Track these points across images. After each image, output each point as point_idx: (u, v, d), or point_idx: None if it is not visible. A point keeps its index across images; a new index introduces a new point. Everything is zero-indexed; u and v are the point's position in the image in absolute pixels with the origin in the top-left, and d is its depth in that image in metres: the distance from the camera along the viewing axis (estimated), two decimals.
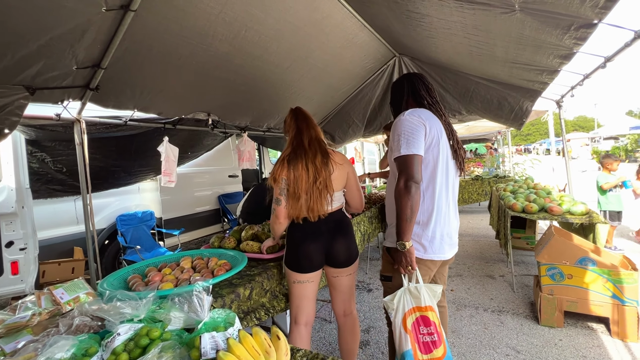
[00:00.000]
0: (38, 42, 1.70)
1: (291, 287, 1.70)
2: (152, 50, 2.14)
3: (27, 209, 2.70)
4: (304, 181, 1.60)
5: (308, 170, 1.60)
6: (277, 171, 1.63)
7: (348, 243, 1.73)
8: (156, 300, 1.07)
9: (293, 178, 1.60)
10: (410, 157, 1.39)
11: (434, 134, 1.46)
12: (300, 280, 1.66)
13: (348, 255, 1.72)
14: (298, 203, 1.61)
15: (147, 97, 2.50)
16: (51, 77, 1.96)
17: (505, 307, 2.70)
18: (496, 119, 3.99)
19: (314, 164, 1.61)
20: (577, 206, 2.65)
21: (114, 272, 1.71)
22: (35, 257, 2.77)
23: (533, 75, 2.57)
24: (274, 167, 1.67)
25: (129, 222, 3.76)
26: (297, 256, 1.66)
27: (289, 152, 1.67)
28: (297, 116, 1.77)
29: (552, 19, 1.54)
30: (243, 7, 2.15)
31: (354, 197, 1.82)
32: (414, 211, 1.38)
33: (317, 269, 1.69)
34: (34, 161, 2.84)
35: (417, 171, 1.38)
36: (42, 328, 1.19)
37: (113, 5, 1.72)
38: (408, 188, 1.36)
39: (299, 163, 1.61)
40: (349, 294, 1.80)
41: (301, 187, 1.59)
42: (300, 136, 1.69)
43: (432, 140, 1.45)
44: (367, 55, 3.58)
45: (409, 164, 1.38)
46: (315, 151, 1.65)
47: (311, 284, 1.68)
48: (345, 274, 1.75)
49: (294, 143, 1.69)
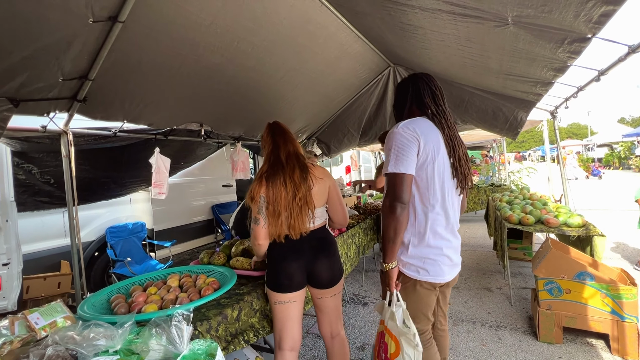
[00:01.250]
0: (21, 53, 1.65)
1: (273, 308, 1.60)
2: (142, 61, 2.11)
3: (12, 223, 2.61)
4: (283, 198, 1.53)
5: (287, 186, 1.53)
6: (255, 189, 1.55)
7: (331, 263, 1.64)
8: (134, 328, 1.00)
9: (272, 195, 1.53)
10: (398, 175, 1.30)
11: (429, 150, 1.34)
12: (281, 301, 1.56)
13: (331, 276, 1.64)
14: (278, 221, 1.53)
15: (137, 108, 2.46)
16: (36, 88, 1.91)
17: (503, 321, 2.64)
18: (491, 129, 3.99)
19: (292, 179, 1.55)
20: (573, 218, 2.62)
21: (97, 292, 1.64)
22: (19, 272, 2.67)
23: (527, 87, 2.57)
24: (251, 185, 1.59)
25: (119, 234, 3.67)
26: (277, 275, 1.57)
27: (266, 169, 1.60)
28: (273, 131, 1.70)
29: (545, 33, 1.53)
30: (235, 18, 2.13)
31: (336, 212, 1.74)
32: (398, 233, 1.30)
33: (299, 289, 1.59)
34: (20, 173, 2.77)
35: (404, 191, 1.29)
36: (13, 358, 1.11)
37: (100, 16, 1.68)
38: (393, 209, 1.28)
39: (277, 179, 1.54)
40: (336, 315, 1.72)
41: (280, 204, 1.52)
42: (277, 151, 1.62)
43: (426, 157, 1.34)
44: (362, 66, 3.58)
45: (396, 184, 1.30)
46: (293, 166, 1.58)
47: (294, 304, 1.58)
48: (329, 295, 1.67)
49: (271, 159, 1.62)
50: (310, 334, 2.68)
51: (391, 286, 1.37)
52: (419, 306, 1.44)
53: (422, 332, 1.45)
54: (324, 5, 2.35)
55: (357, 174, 9.47)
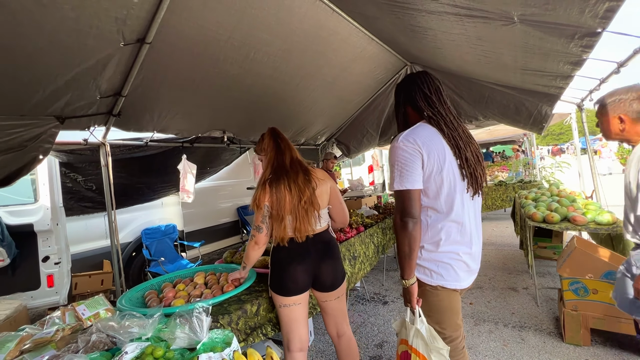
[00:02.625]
0: (65, 77, 1.88)
1: (279, 312, 1.62)
2: (167, 77, 2.29)
3: (61, 226, 2.93)
4: (288, 202, 1.56)
5: (291, 191, 1.56)
6: (259, 196, 1.57)
7: (335, 265, 1.70)
8: (162, 319, 1.14)
9: (276, 200, 1.56)
10: (404, 192, 1.27)
11: (434, 160, 1.28)
12: (287, 304, 1.58)
13: (334, 279, 1.69)
14: (281, 225, 1.56)
15: (165, 119, 2.67)
16: (78, 106, 2.15)
17: (528, 322, 2.57)
18: (514, 124, 3.86)
19: (297, 183, 1.58)
20: (603, 215, 2.50)
21: (133, 288, 1.82)
22: (68, 270, 2.98)
23: (547, 81, 2.49)
24: (255, 191, 1.60)
25: (153, 235, 3.96)
26: (283, 278, 1.58)
27: (270, 174, 1.61)
28: (276, 136, 1.74)
29: (554, 29, 1.51)
30: (250, 31, 2.25)
31: (338, 212, 1.79)
32: (413, 248, 1.28)
33: (304, 291, 1.62)
34: (67, 181, 3.09)
35: (414, 206, 1.27)
36: (64, 343, 1.29)
37: (130, 39, 1.87)
38: (404, 224, 1.27)
39: (281, 184, 1.57)
40: (341, 316, 1.77)
41: (284, 208, 1.55)
42: (281, 156, 1.65)
43: (432, 169, 1.28)
44: (377, 67, 3.60)
45: (404, 200, 1.28)
46: (296, 171, 1.63)
47: (299, 306, 1.61)
48: (333, 298, 1.72)
49: (274, 164, 1.64)
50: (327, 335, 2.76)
51: (412, 302, 1.32)
52: (440, 311, 1.36)
53: (452, 339, 1.36)
54: (335, 11, 2.42)
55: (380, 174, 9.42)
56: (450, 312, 1.37)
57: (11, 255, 2.62)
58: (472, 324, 2.65)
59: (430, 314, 1.35)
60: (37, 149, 2.18)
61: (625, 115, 1.45)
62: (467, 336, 2.49)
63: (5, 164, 2.16)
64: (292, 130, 4.21)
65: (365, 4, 2.20)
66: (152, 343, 1.05)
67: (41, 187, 2.82)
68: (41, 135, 2.13)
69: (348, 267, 2.51)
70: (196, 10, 1.93)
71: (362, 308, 3.12)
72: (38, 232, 2.80)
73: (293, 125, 4.08)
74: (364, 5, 2.24)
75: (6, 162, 2.15)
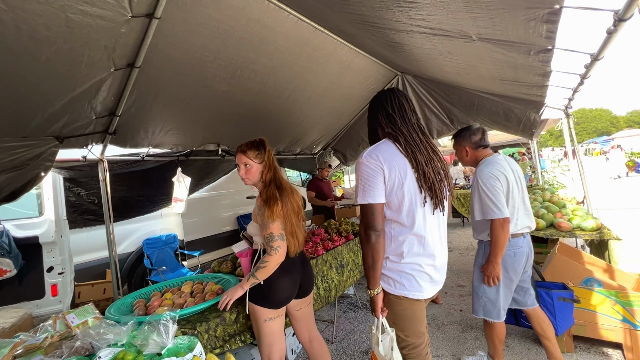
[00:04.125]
0: (62, 101, 2.03)
1: (261, 327, 1.61)
2: (158, 96, 2.44)
3: (65, 238, 3.09)
4: (294, 216, 1.65)
5: (294, 207, 1.66)
6: (276, 208, 1.57)
7: (311, 272, 1.83)
8: (136, 327, 1.24)
9: (286, 214, 1.61)
10: (367, 206, 1.34)
11: (395, 175, 1.33)
12: (271, 318, 1.61)
13: (311, 284, 1.81)
14: (294, 239, 1.63)
15: (159, 135, 2.81)
16: (76, 127, 2.31)
17: (515, 329, 2.58)
18: (506, 130, 3.90)
19: (295, 199, 1.69)
20: (587, 221, 2.51)
21: (123, 297, 1.94)
22: (72, 280, 3.14)
23: (526, 89, 2.54)
24: (269, 202, 1.58)
25: (154, 245, 4.11)
26: (275, 291, 1.60)
27: (275, 189, 1.63)
28: (272, 152, 1.78)
29: (510, 46, 1.58)
30: (235, 51, 2.38)
31: None
32: (376, 259, 1.33)
33: (289, 302, 1.69)
34: (71, 195, 3.26)
35: (376, 220, 1.33)
36: (53, 349, 1.40)
37: (120, 65, 2.02)
38: (368, 237, 1.33)
39: (287, 200, 1.63)
40: (312, 321, 1.86)
41: (294, 222, 1.64)
42: (279, 174, 1.73)
43: (393, 184, 1.34)
44: (368, 78, 3.70)
45: (366, 214, 1.34)
46: (290, 187, 1.72)
47: (281, 318, 1.67)
48: (306, 304, 1.81)
49: (276, 181, 1.68)
50: None
51: (377, 312, 1.37)
52: (404, 320, 1.41)
53: (415, 346, 1.42)
54: (318, 29, 2.53)
55: None
56: (413, 321, 1.43)
57: (18, 266, 2.78)
58: (460, 331, 2.67)
59: (395, 322, 1.41)
60: (39, 166, 2.35)
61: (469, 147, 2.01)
62: (453, 344, 2.52)
63: (10, 182, 2.32)
64: (287, 141, 4.33)
65: (343, 23, 2.31)
66: (125, 349, 1.15)
67: (46, 201, 3.00)
68: (42, 154, 2.29)
69: (335, 275, 2.58)
70: (181, 36, 2.06)
71: (354, 315, 3.16)
72: (43, 243, 2.96)
73: (287, 135, 4.20)
74: (342, 24, 2.35)
75: (10, 180, 2.32)
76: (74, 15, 1.60)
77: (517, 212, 1.91)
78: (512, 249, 1.90)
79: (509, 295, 1.96)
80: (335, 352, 2.57)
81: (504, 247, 1.83)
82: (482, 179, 1.85)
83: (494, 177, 1.83)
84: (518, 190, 1.93)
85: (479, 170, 1.92)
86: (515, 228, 1.90)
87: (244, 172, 1.72)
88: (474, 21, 1.37)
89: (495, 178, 1.83)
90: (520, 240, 1.93)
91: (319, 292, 2.37)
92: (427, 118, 4.28)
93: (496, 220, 1.80)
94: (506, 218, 1.79)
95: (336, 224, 3.27)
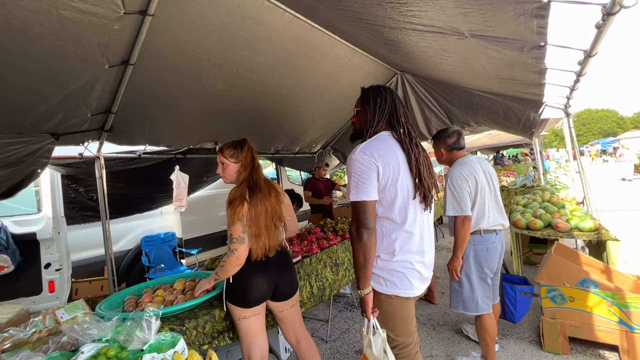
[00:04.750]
0: (56, 98, 2.04)
1: (238, 325, 1.62)
2: (154, 94, 2.44)
3: (62, 235, 3.11)
4: (263, 219, 1.60)
5: (266, 208, 1.62)
6: (239, 208, 1.55)
7: (292, 275, 1.79)
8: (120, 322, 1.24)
9: (254, 215, 1.58)
10: (360, 204, 1.32)
11: (389, 173, 1.33)
12: (246, 316, 1.60)
13: (291, 288, 1.77)
14: (259, 242, 1.59)
15: (155, 132, 2.82)
16: (71, 124, 2.32)
17: (510, 330, 2.55)
18: (505, 130, 3.87)
19: (270, 200, 1.65)
20: (585, 222, 2.48)
21: (115, 294, 1.94)
22: (69, 276, 3.15)
23: (523, 88, 2.51)
24: (233, 203, 1.57)
25: (152, 242, 4.12)
26: (246, 289, 1.59)
27: (246, 189, 1.61)
28: (253, 151, 1.76)
29: (503, 42, 1.56)
30: (231, 49, 2.37)
31: (292, 223, 1.86)
32: (367, 258, 1.31)
33: (263, 302, 1.66)
34: (69, 192, 3.28)
35: (369, 217, 1.31)
36: (41, 344, 1.41)
37: (114, 62, 2.02)
38: (360, 235, 1.31)
39: (257, 201, 1.60)
40: (298, 322, 1.83)
41: (262, 224, 1.60)
42: (256, 173, 1.70)
43: (387, 180, 1.33)
44: (367, 76, 3.67)
45: (359, 211, 1.32)
46: (268, 188, 1.69)
47: (259, 316, 1.64)
48: (289, 306, 1.78)
49: (250, 180, 1.65)
50: (313, 337, 2.81)
51: (367, 312, 1.35)
52: (395, 319, 1.41)
53: (405, 345, 1.42)
54: (314, 27, 2.52)
55: None
56: (404, 320, 1.42)
57: (15, 262, 2.81)
58: (455, 332, 2.64)
59: (385, 321, 1.40)
60: (35, 163, 2.36)
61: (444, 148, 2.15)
62: (447, 344, 2.50)
63: (6, 178, 2.34)
64: (285, 140, 4.32)
65: (338, 21, 2.30)
66: (109, 344, 1.15)
67: (44, 198, 3.02)
68: (38, 150, 2.31)
69: (329, 274, 2.57)
70: (175, 33, 2.06)
71: (349, 315, 3.15)
72: (40, 240, 2.98)
73: (285, 134, 4.20)
74: (337, 22, 2.34)
75: (7, 176, 2.33)
76: (65, 11, 1.60)
77: (488, 209, 2.03)
78: (484, 244, 2.02)
79: (486, 288, 2.06)
80: (329, 352, 2.56)
81: (464, 243, 1.96)
82: (451, 178, 1.99)
83: (462, 177, 1.96)
84: (490, 190, 2.06)
85: (450, 170, 2.06)
86: (488, 224, 2.01)
87: (221, 170, 1.74)
88: (465, 17, 1.35)
89: (463, 178, 1.96)
90: (492, 236, 2.04)
91: (312, 291, 2.36)
92: (426, 117, 4.25)
93: (458, 217, 1.94)
94: (467, 216, 1.92)
95: (332, 223, 3.26)
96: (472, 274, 2.04)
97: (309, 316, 3.16)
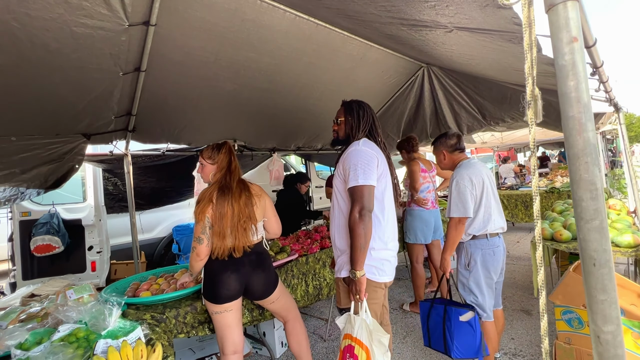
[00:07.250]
0: (82, 104, 2.31)
1: (213, 318, 1.71)
2: (167, 96, 2.63)
3: (103, 222, 3.54)
4: (229, 219, 1.64)
5: (233, 209, 1.66)
6: (203, 208, 1.64)
7: (266, 276, 1.80)
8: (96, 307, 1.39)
9: (218, 216, 1.64)
10: (366, 187, 1.45)
11: (382, 166, 1.57)
12: (219, 311, 1.67)
13: (265, 290, 1.80)
14: (223, 241, 1.63)
15: (174, 132, 3.04)
16: (98, 125, 2.61)
17: (524, 351, 2.30)
18: (545, 126, 3.49)
19: (239, 203, 1.69)
20: (624, 236, 2.12)
21: (123, 279, 2.17)
22: (108, 258, 3.59)
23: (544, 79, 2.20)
24: (199, 203, 1.67)
25: (183, 231, 4.48)
26: (216, 287, 1.65)
27: (216, 190, 1.68)
28: (231, 155, 1.82)
29: (490, 34, 1.39)
30: (235, 51, 2.45)
31: (272, 224, 1.89)
32: (367, 240, 1.43)
33: (235, 299, 1.70)
34: (109, 185, 3.71)
35: (371, 201, 1.46)
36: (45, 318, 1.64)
37: (127, 69, 2.22)
38: (362, 217, 1.41)
39: (225, 201, 1.66)
40: (285, 310, 1.92)
41: (226, 224, 1.64)
42: (230, 176, 1.75)
43: (380, 173, 1.56)
44: (386, 71, 3.54)
45: (365, 194, 1.44)
46: (240, 190, 1.73)
47: (231, 312, 1.69)
48: (268, 304, 1.84)
49: (222, 182, 1.72)
50: (312, 334, 2.83)
51: (361, 294, 1.44)
52: (378, 304, 1.58)
53: None
54: (320, 25, 2.49)
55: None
56: (379, 306, 1.60)
57: (65, 243, 3.27)
58: None
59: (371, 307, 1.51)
60: (73, 160, 2.71)
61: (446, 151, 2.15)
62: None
63: (52, 172, 2.72)
64: (305, 137, 4.36)
65: (342, 19, 2.24)
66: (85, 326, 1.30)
67: (88, 189, 3.46)
68: (74, 149, 2.65)
69: (328, 274, 2.57)
70: (179, 39, 2.19)
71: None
72: (85, 225, 3.43)
73: (305, 131, 4.23)
74: (341, 21, 2.28)
75: (52, 171, 2.71)
76: (77, 28, 1.79)
77: (492, 212, 1.99)
78: (491, 248, 1.97)
79: (491, 294, 2.02)
80: (325, 350, 2.57)
81: (454, 245, 1.96)
82: (458, 179, 1.96)
83: (468, 179, 1.94)
84: (493, 192, 2.03)
85: (456, 172, 2.03)
86: (492, 227, 1.98)
87: (200, 170, 1.84)
88: (434, 10, 1.23)
89: (469, 180, 1.94)
90: (497, 240, 2.01)
91: (307, 290, 2.38)
92: (455, 112, 3.98)
93: (455, 217, 1.93)
94: (463, 218, 1.92)
95: None
96: (481, 280, 1.98)
97: (312, 313, 3.20)
